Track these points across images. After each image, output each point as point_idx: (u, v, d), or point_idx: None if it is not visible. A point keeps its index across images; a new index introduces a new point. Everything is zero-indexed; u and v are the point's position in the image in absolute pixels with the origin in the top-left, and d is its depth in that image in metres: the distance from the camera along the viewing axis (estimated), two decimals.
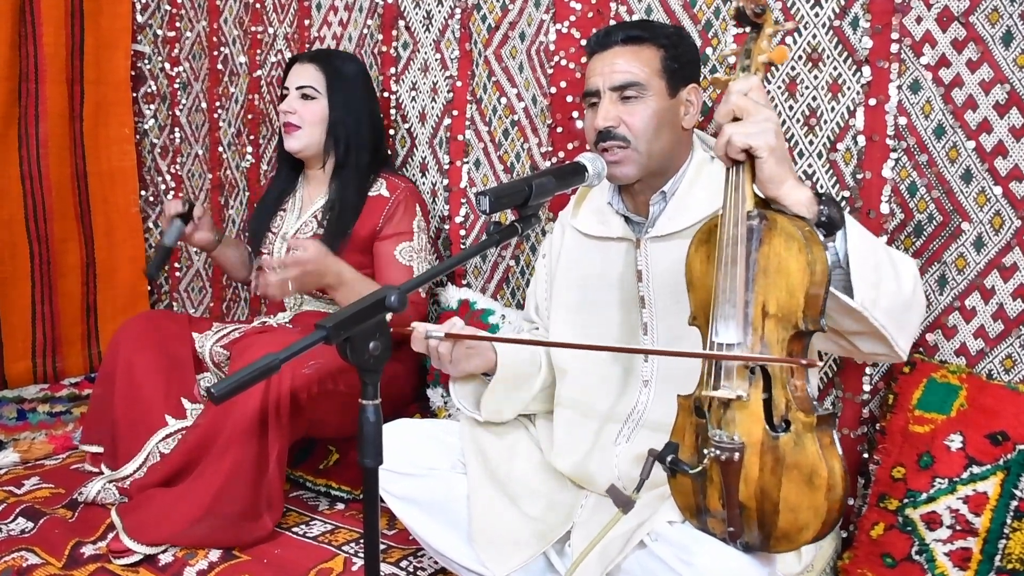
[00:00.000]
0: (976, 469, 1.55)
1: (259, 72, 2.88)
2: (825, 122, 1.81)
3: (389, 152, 2.55)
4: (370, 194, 2.26)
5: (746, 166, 1.24)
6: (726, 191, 1.25)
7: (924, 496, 1.58)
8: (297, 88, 2.25)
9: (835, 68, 1.79)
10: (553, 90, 2.19)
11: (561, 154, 2.21)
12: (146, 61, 3.20)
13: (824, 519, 1.17)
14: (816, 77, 1.82)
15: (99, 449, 2.30)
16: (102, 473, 2.21)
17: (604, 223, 1.69)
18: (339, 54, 2.39)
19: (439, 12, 2.42)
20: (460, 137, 2.40)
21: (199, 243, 2.37)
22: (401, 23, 2.50)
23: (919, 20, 1.70)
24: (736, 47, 1.32)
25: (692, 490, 1.27)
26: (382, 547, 1.95)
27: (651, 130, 1.57)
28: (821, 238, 1.22)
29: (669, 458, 1.26)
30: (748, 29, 1.30)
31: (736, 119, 1.24)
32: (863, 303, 1.26)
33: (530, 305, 1.89)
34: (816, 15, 1.80)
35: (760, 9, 1.26)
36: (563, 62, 2.16)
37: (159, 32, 3.18)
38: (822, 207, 1.26)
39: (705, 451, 1.24)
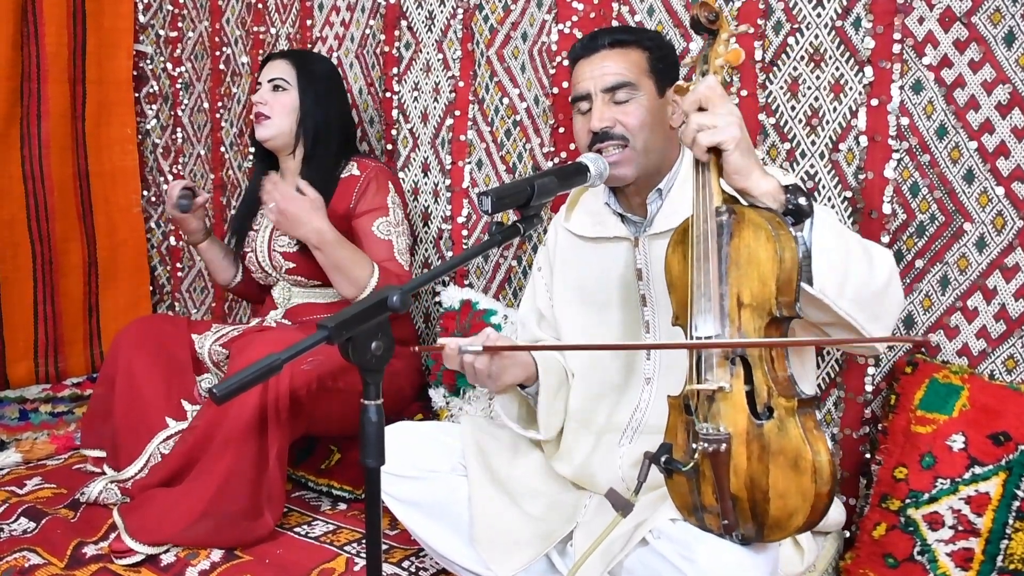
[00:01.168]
0: (978, 469, 1.55)
1: None
2: (827, 122, 1.81)
3: (389, 146, 2.56)
4: (342, 176, 2.30)
5: (712, 164, 1.28)
6: (694, 189, 1.29)
7: (926, 496, 1.58)
8: (269, 81, 2.31)
9: (837, 68, 1.79)
10: (555, 90, 2.19)
11: (563, 154, 2.21)
12: (148, 61, 3.21)
13: (812, 503, 1.17)
14: (818, 77, 1.82)
15: (100, 453, 2.32)
16: (104, 473, 2.22)
17: (601, 224, 1.69)
18: (311, 53, 2.46)
19: (441, 12, 2.42)
20: (462, 137, 2.40)
21: (189, 230, 2.42)
22: (403, 23, 2.50)
23: (921, 20, 1.70)
24: (696, 55, 1.37)
25: (688, 488, 1.28)
26: (384, 547, 1.95)
27: (647, 128, 1.58)
28: (790, 227, 1.24)
29: (663, 458, 1.28)
30: (706, 35, 1.35)
31: (701, 109, 1.27)
32: (823, 291, 1.25)
33: (529, 320, 1.85)
34: (818, 15, 1.80)
35: (713, 16, 1.32)
36: (565, 62, 2.15)
37: (161, 32, 3.18)
38: (788, 195, 1.28)
39: (694, 446, 1.25)
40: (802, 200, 1.27)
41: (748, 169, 1.27)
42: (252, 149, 2.45)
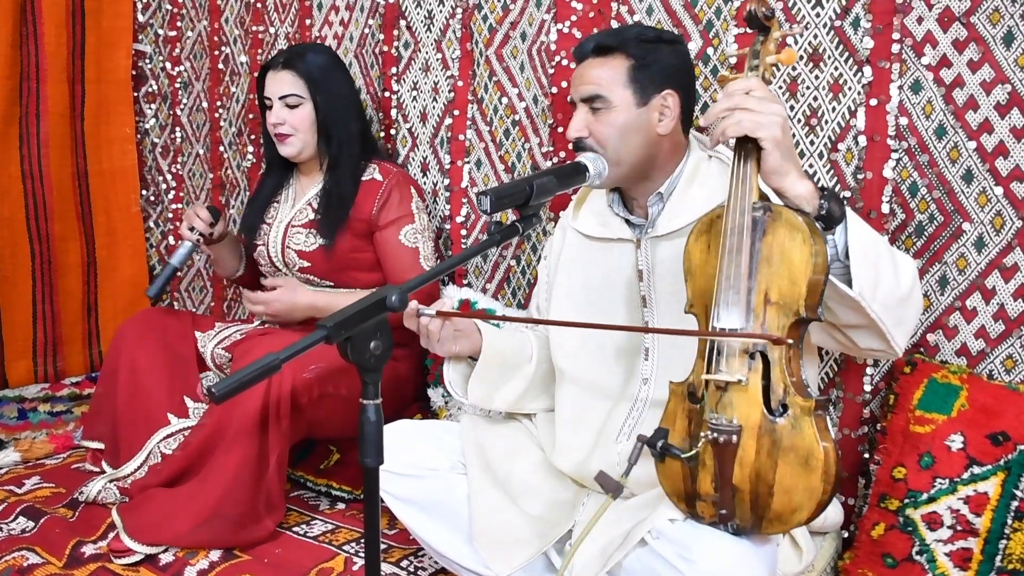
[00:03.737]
0: (977, 469, 1.55)
1: None
2: (826, 122, 1.81)
3: (388, 142, 2.56)
4: (363, 179, 2.28)
5: (753, 159, 1.27)
6: (732, 182, 1.28)
7: (925, 496, 1.58)
8: (280, 99, 2.24)
9: (836, 68, 1.79)
10: (554, 90, 2.19)
11: (562, 154, 2.21)
12: (147, 60, 3.20)
13: (819, 500, 1.19)
14: (817, 77, 1.82)
15: (100, 445, 2.30)
16: (103, 472, 2.22)
17: (604, 224, 1.70)
18: (307, 51, 2.32)
19: (440, 12, 2.42)
20: (461, 137, 2.40)
21: (221, 235, 2.36)
22: (402, 23, 2.50)
23: (920, 20, 1.70)
24: (738, 47, 1.34)
25: (681, 475, 1.29)
26: (383, 547, 1.95)
27: (616, 139, 1.57)
28: (821, 231, 1.25)
29: (660, 443, 1.28)
30: (756, 31, 1.33)
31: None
32: (861, 293, 1.28)
33: (532, 308, 1.90)
34: (817, 15, 1.80)
35: (770, 12, 1.31)
36: (564, 62, 2.16)
37: (160, 31, 3.18)
38: (823, 201, 1.28)
39: (701, 434, 1.26)
40: (835, 206, 1.28)
41: (785, 170, 1.27)
42: (263, 146, 2.42)
